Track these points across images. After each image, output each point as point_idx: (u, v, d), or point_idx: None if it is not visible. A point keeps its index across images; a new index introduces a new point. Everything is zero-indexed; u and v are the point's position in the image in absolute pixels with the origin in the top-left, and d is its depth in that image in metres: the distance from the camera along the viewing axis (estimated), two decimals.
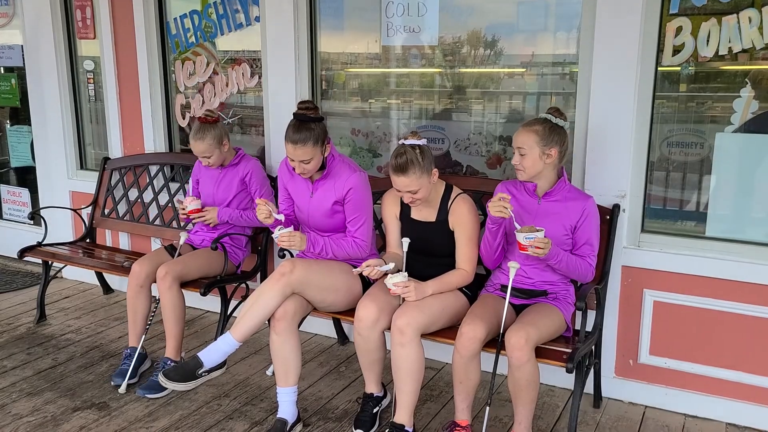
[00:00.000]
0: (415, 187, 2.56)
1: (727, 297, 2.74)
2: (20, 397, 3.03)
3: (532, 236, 2.37)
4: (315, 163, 2.71)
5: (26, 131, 4.88)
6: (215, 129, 3.21)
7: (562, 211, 2.57)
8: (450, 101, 3.41)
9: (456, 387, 2.52)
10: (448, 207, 2.67)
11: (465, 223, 2.64)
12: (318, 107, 2.79)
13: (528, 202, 2.62)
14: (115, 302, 4.25)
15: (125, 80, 4.14)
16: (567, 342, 2.59)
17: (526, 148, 2.51)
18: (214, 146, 3.22)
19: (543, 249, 2.37)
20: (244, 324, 2.59)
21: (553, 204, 2.58)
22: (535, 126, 2.52)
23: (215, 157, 3.26)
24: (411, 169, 2.52)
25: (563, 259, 2.48)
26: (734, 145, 2.76)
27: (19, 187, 5.02)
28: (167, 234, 3.93)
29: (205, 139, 3.19)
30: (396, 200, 2.77)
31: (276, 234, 2.65)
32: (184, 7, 3.92)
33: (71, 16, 4.34)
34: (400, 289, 2.51)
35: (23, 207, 4.99)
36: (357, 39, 3.58)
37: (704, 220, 2.85)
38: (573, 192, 2.61)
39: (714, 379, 2.83)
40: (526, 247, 2.38)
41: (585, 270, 2.54)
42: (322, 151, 2.72)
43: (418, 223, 2.72)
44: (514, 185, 2.68)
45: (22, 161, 5.00)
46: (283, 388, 2.69)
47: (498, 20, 3.20)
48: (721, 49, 2.67)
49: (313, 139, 2.66)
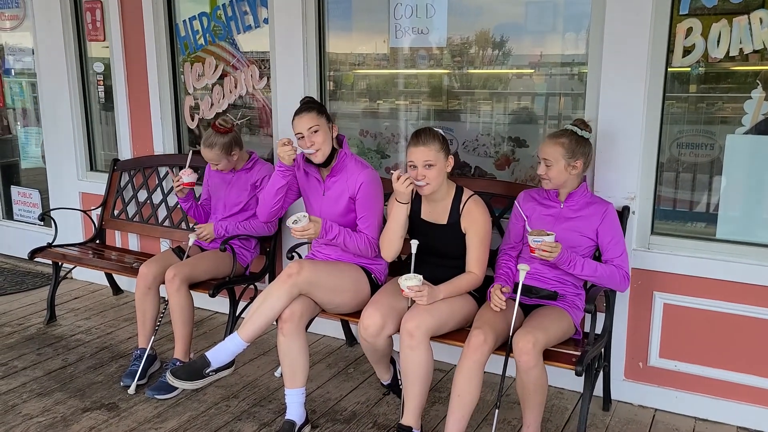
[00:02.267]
0: (433, 160, 2.54)
1: (738, 300, 2.72)
2: (30, 397, 3.05)
3: (539, 239, 2.39)
4: (322, 135, 2.71)
5: (36, 132, 4.92)
6: (225, 138, 3.21)
7: (582, 215, 2.60)
8: (458, 102, 3.41)
9: (452, 402, 2.41)
10: (460, 209, 2.66)
11: (478, 226, 2.63)
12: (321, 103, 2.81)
13: (550, 207, 2.65)
14: (125, 303, 4.27)
15: (134, 82, 4.16)
16: (576, 345, 2.58)
17: (552, 160, 2.53)
18: (222, 155, 3.23)
19: (551, 253, 2.39)
20: (251, 324, 2.60)
21: (574, 209, 2.62)
22: (562, 138, 2.53)
23: (223, 165, 3.28)
24: (431, 141, 2.55)
25: (580, 265, 2.48)
26: (745, 146, 2.74)
27: (29, 188, 5.06)
28: (176, 235, 3.95)
29: (213, 148, 3.21)
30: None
31: (290, 224, 2.61)
32: (193, 9, 3.94)
33: (81, 18, 4.37)
34: (413, 293, 2.51)
35: (33, 208, 5.03)
36: (365, 40, 3.58)
37: (714, 221, 2.83)
38: (594, 198, 2.66)
39: (725, 382, 2.80)
40: (534, 249, 2.41)
41: (613, 275, 2.54)
42: (329, 127, 2.74)
43: (428, 225, 2.71)
44: (537, 192, 2.72)
45: (32, 162, 5.04)
46: (291, 389, 2.69)
47: (506, 21, 3.19)
48: (732, 50, 2.65)
49: (317, 108, 2.74)
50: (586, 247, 2.60)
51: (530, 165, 3.22)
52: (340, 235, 2.71)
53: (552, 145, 2.54)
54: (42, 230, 4.79)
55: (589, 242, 2.60)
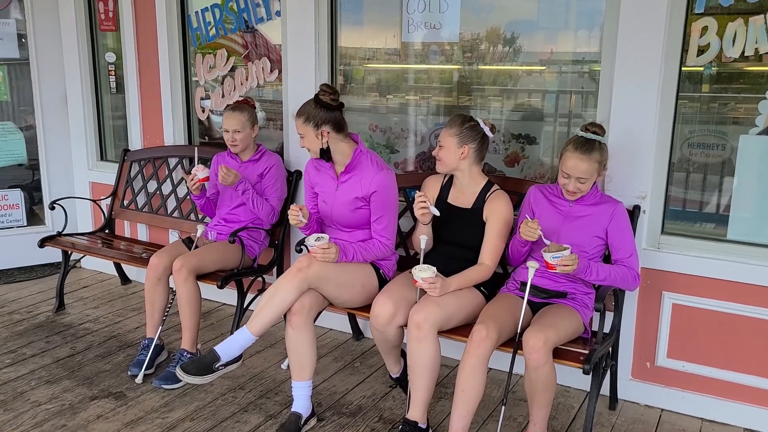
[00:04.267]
0: (443, 142, 2.67)
1: (748, 301, 2.71)
2: (39, 384, 3.08)
3: (558, 255, 2.38)
4: (308, 141, 2.78)
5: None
6: (251, 110, 3.35)
7: (592, 214, 2.59)
8: (469, 98, 3.40)
9: (456, 397, 2.41)
10: (485, 197, 2.70)
11: (498, 216, 2.65)
12: (336, 93, 2.78)
13: (560, 205, 2.64)
14: (133, 293, 4.30)
15: (146, 73, 4.17)
16: (584, 343, 2.57)
17: (587, 177, 2.50)
18: (246, 123, 3.31)
19: (571, 265, 2.38)
20: (260, 318, 2.61)
21: (583, 208, 2.60)
22: (594, 154, 2.49)
23: (242, 136, 3.31)
24: (450, 125, 2.67)
25: (595, 271, 2.48)
26: (759, 147, 2.72)
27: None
28: (185, 226, 3.96)
29: (241, 112, 3.31)
30: (438, 183, 2.84)
31: (312, 243, 2.63)
32: (206, 1, 3.94)
33: (94, 8, 4.38)
34: (426, 285, 2.51)
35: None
36: (377, 35, 3.57)
37: (725, 222, 2.82)
38: (604, 197, 2.64)
39: (732, 383, 2.80)
40: (554, 266, 2.40)
41: (625, 276, 2.54)
42: (316, 134, 2.75)
43: (453, 208, 2.75)
44: (548, 189, 2.71)
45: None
46: (298, 382, 2.70)
47: (519, 17, 3.18)
48: (748, 49, 2.62)
49: (305, 116, 2.75)
50: (595, 246, 2.59)
51: (540, 163, 3.21)
52: (358, 253, 2.75)
53: (589, 163, 2.47)
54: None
55: (598, 241, 2.59)
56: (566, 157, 2.51)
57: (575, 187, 2.52)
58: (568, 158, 2.49)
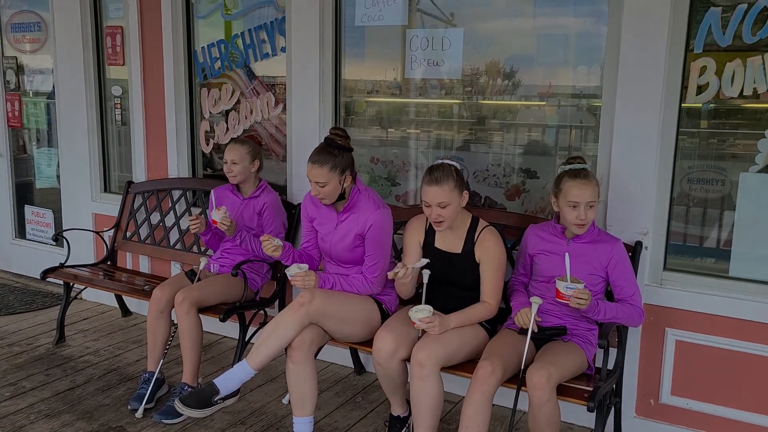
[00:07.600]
0: (447, 200, 2.55)
1: (752, 338, 2.70)
2: (38, 418, 3.05)
3: (572, 287, 2.36)
4: (330, 188, 2.72)
5: (48, 153, 5.00)
6: (254, 145, 3.40)
7: (590, 252, 2.57)
8: (469, 132, 3.44)
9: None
10: (474, 238, 2.66)
11: (492, 256, 2.63)
12: (348, 137, 2.82)
13: (557, 243, 2.63)
14: (133, 325, 4.28)
15: (151, 106, 4.22)
16: (588, 380, 2.56)
17: (594, 200, 2.50)
18: (246, 156, 3.33)
19: (585, 300, 2.37)
20: (261, 352, 2.60)
21: (581, 246, 2.58)
22: (592, 179, 2.52)
23: (240, 168, 3.32)
24: (445, 180, 2.54)
25: (603, 310, 2.46)
26: (759, 185, 2.73)
27: (43, 208, 5.10)
28: (187, 258, 3.96)
29: (242, 145, 3.35)
30: (421, 227, 2.77)
31: (291, 273, 2.66)
32: (212, 37, 4.01)
33: (101, 43, 4.45)
34: (424, 325, 2.50)
35: (46, 228, 5.07)
36: (379, 69, 3.62)
37: (727, 258, 2.82)
38: (602, 235, 2.62)
39: (737, 422, 2.77)
40: (566, 297, 2.38)
41: (631, 314, 2.53)
42: (340, 180, 2.73)
43: (442, 253, 2.71)
44: (544, 228, 2.70)
45: (46, 183, 5.09)
46: (300, 417, 2.68)
47: (518, 52, 3.22)
48: (746, 89, 2.66)
49: (331, 164, 2.69)
50: (596, 285, 2.58)
51: (540, 196, 3.23)
52: (337, 284, 2.78)
53: (591, 187, 2.48)
54: (54, 250, 4.80)
55: (598, 279, 2.58)
56: (568, 187, 2.50)
57: (585, 215, 2.48)
58: (571, 188, 2.49)
